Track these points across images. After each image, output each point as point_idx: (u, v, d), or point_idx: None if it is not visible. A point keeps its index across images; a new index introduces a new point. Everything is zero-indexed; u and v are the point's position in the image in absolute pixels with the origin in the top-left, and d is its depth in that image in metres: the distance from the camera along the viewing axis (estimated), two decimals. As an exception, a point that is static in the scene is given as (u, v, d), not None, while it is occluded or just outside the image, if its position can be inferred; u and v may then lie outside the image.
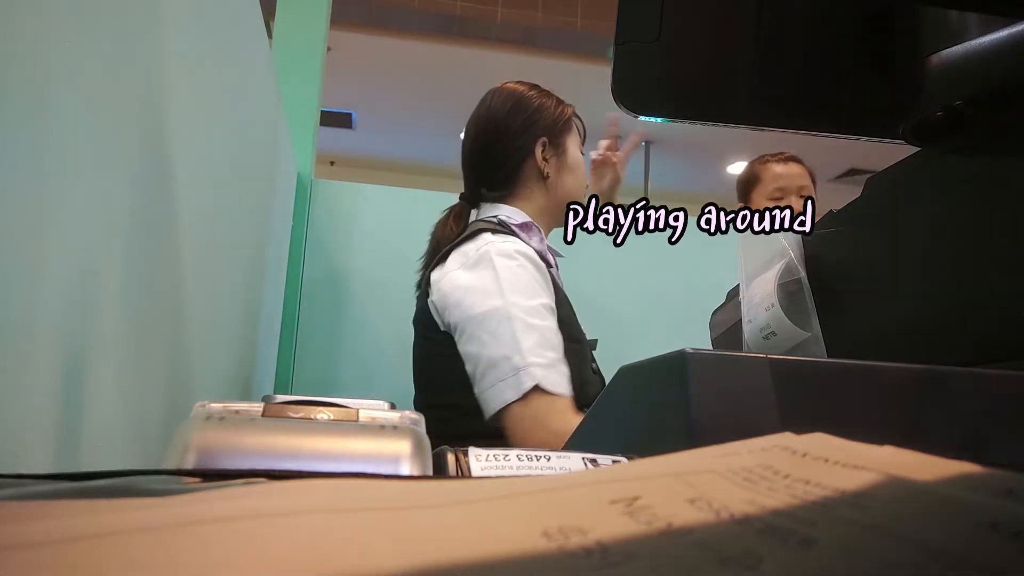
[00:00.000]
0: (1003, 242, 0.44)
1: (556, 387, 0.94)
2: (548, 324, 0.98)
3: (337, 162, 5.30)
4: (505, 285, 0.99)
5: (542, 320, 0.98)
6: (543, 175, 1.17)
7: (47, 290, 0.41)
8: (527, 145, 1.16)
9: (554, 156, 1.18)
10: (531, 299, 0.99)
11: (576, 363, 1.01)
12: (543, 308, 0.99)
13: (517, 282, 1.00)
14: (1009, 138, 0.45)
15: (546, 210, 1.19)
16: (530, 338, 0.95)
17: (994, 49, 0.45)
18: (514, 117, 1.17)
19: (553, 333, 0.98)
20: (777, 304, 0.53)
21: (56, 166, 0.41)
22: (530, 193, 1.18)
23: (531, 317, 0.97)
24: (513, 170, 1.17)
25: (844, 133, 0.54)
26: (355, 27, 3.73)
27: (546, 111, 1.19)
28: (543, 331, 0.97)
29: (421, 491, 0.17)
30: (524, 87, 1.21)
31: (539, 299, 1.00)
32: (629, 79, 0.49)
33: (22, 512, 0.15)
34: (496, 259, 1.02)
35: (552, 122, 1.18)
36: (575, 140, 1.21)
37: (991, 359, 0.42)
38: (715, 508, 0.15)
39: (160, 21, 0.58)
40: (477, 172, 1.21)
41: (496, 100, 1.20)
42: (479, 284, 1.01)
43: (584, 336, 1.11)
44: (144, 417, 0.59)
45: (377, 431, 0.26)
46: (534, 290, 1.01)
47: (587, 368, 1.08)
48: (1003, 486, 0.14)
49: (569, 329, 1.05)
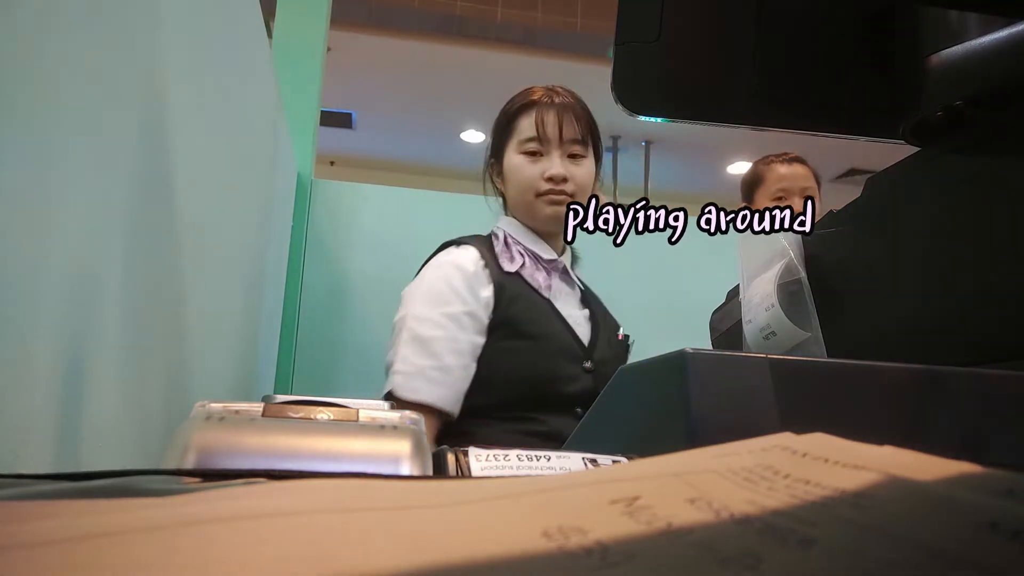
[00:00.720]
0: (1003, 242, 0.44)
1: (410, 394, 1.03)
2: (439, 334, 1.06)
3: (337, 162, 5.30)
4: (416, 295, 1.10)
5: (433, 330, 1.06)
6: (500, 193, 1.23)
7: (47, 290, 0.41)
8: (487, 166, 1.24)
9: (499, 173, 1.22)
10: (434, 309, 1.07)
11: (522, 360, 1.09)
12: (444, 316, 1.07)
13: (429, 292, 1.09)
14: (1009, 138, 0.45)
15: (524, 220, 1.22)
16: (408, 347, 1.05)
17: (994, 49, 0.45)
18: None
19: (445, 342, 1.05)
20: (777, 304, 0.53)
21: (56, 166, 0.41)
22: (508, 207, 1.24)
23: (421, 326, 1.06)
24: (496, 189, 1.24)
25: (844, 133, 0.54)
26: (355, 27, 3.73)
27: (496, 125, 1.22)
28: (428, 341, 1.05)
29: (421, 491, 0.17)
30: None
31: (445, 308, 1.07)
32: (629, 79, 0.49)
33: (22, 512, 0.15)
34: (424, 273, 1.13)
35: (497, 136, 1.21)
36: (514, 143, 1.20)
37: (991, 359, 0.42)
38: (715, 508, 0.15)
39: (160, 21, 0.58)
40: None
41: None
42: (404, 295, 1.12)
43: (545, 333, 1.13)
44: (144, 417, 0.59)
45: (377, 431, 0.26)
46: (444, 299, 1.08)
47: (551, 365, 1.12)
48: (1003, 486, 0.14)
49: (518, 326, 1.10)
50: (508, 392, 1.09)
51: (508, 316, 1.10)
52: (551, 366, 1.11)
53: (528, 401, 1.08)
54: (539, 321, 1.12)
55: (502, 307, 1.10)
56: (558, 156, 1.16)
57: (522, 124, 1.18)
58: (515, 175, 1.19)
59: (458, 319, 1.07)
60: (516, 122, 1.19)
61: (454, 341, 1.06)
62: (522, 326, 1.10)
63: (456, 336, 1.06)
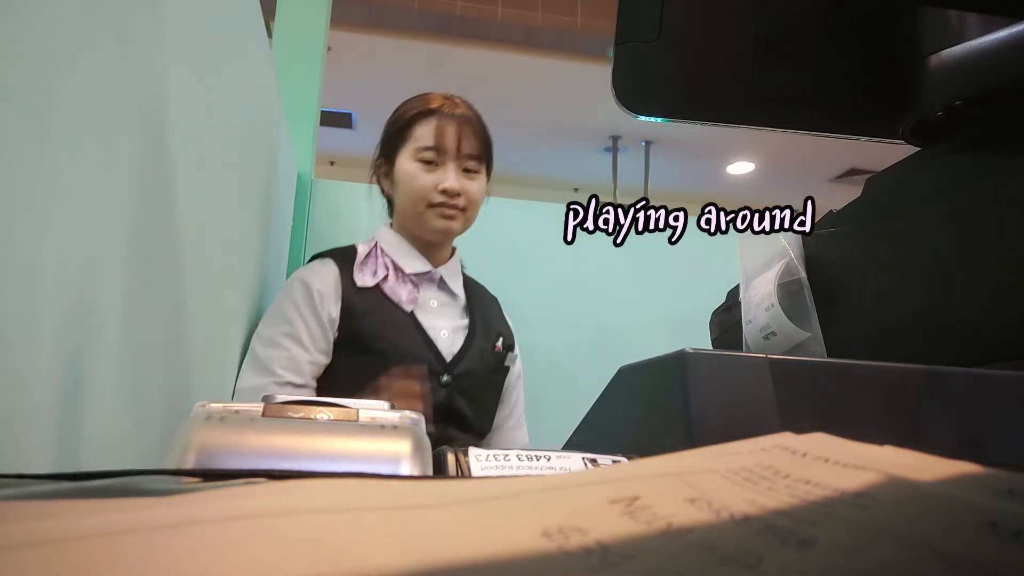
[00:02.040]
0: (1003, 242, 0.44)
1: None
2: (276, 354, 1.07)
3: (337, 162, 5.30)
4: (267, 313, 1.12)
5: (271, 349, 1.08)
6: (385, 195, 1.23)
7: (47, 290, 0.41)
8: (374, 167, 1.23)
9: (387, 176, 1.21)
10: (274, 327, 1.09)
11: (368, 375, 1.08)
12: (282, 335, 1.08)
13: (274, 310, 1.11)
14: (1009, 138, 0.45)
15: (403, 226, 1.21)
16: (249, 367, 1.07)
17: (994, 49, 0.45)
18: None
19: (281, 360, 1.07)
20: (777, 304, 0.53)
21: (56, 166, 0.41)
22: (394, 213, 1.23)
23: (261, 345, 1.08)
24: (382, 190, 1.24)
25: (844, 133, 0.54)
26: (355, 27, 3.73)
27: (386, 130, 1.21)
28: (267, 360, 1.07)
29: (421, 491, 0.17)
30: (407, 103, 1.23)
31: (284, 327, 1.09)
32: (629, 79, 0.49)
33: (22, 512, 0.15)
34: (282, 288, 1.14)
35: (387, 140, 1.20)
36: (408, 149, 1.17)
37: (991, 359, 0.42)
38: (715, 508, 0.15)
39: (160, 21, 0.58)
40: None
41: None
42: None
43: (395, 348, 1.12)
44: (144, 417, 0.59)
45: (377, 431, 0.26)
46: (285, 318, 1.09)
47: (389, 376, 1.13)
48: (1003, 486, 0.14)
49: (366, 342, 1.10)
50: None
51: (355, 332, 1.10)
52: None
53: None
54: (387, 336, 1.11)
55: (350, 324, 1.10)
56: (454, 169, 1.15)
57: (420, 131, 1.16)
58: (409, 182, 1.16)
59: (297, 338, 1.08)
60: (413, 128, 1.16)
61: (293, 360, 1.07)
62: (370, 342, 1.10)
63: (295, 355, 1.07)
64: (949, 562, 0.11)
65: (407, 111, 1.18)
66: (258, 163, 1.10)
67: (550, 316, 1.60)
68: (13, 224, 0.37)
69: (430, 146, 1.15)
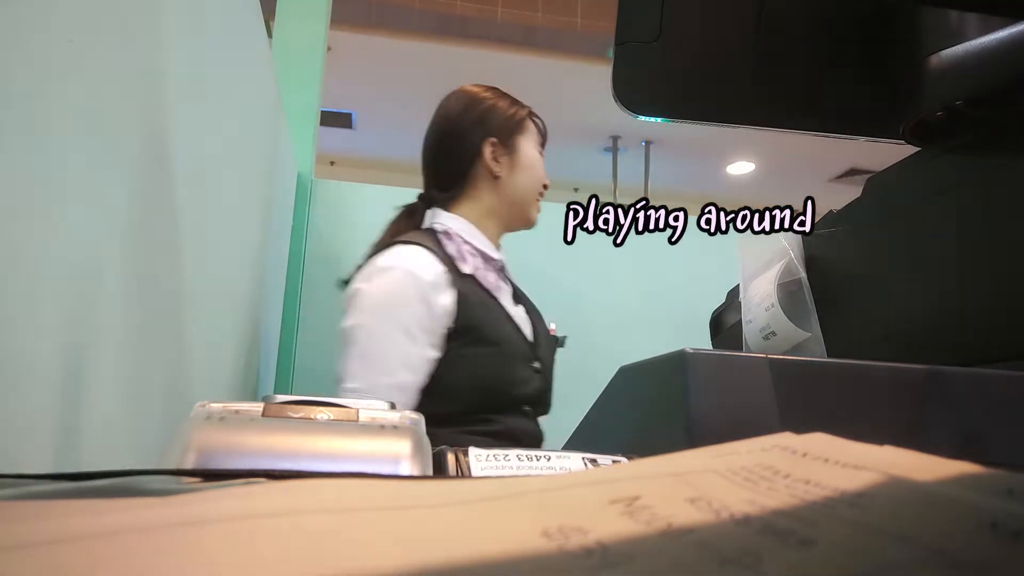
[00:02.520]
0: (1003, 242, 0.44)
1: None
2: (389, 349, 1.03)
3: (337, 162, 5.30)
4: (366, 303, 1.05)
5: (384, 344, 1.03)
6: (493, 174, 1.19)
7: (47, 290, 0.41)
8: (476, 144, 1.18)
9: (505, 156, 1.19)
10: (386, 321, 1.04)
11: (484, 367, 1.07)
12: (394, 329, 1.04)
13: (382, 302, 1.05)
14: (1009, 138, 0.45)
15: (496, 210, 1.20)
16: (358, 363, 1.03)
17: (994, 49, 0.45)
18: (464, 118, 1.20)
19: (394, 356, 1.03)
20: (777, 304, 0.53)
21: (56, 166, 0.41)
22: (478, 193, 1.20)
23: (370, 340, 1.03)
24: (463, 169, 1.20)
25: (844, 133, 0.54)
26: (355, 27, 3.73)
27: (497, 111, 1.20)
28: (379, 356, 1.03)
29: (421, 491, 0.17)
30: (479, 88, 1.23)
31: (398, 321, 1.04)
32: (629, 79, 0.49)
33: (22, 512, 0.15)
34: (374, 276, 1.08)
35: (503, 122, 1.20)
36: (530, 139, 1.22)
37: (991, 359, 0.42)
38: (715, 508, 0.15)
39: (160, 21, 0.58)
40: (429, 172, 1.24)
41: (450, 101, 1.23)
42: (354, 298, 1.08)
43: (504, 337, 1.11)
44: (144, 417, 0.59)
45: (377, 431, 0.26)
46: (397, 312, 1.04)
47: (510, 369, 1.11)
48: (1003, 486, 0.14)
49: (481, 332, 1.08)
50: (467, 399, 1.06)
51: (470, 322, 1.07)
52: (510, 370, 1.09)
53: (484, 406, 1.07)
54: (497, 325, 1.11)
55: (464, 313, 1.07)
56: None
57: (533, 127, 1.22)
58: (534, 167, 1.21)
59: (411, 333, 1.04)
60: (528, 121, 1.22)
61: (406, 356, 1.03)
62: (482, 332, 1.08)
63: (408, 351, 1.04)
64: (949, 562, 0.11)
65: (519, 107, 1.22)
66: (258, 163, 1.10)
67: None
68: (13, 225, 0.37)
69: (542, 142, 1.23)
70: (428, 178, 1.24)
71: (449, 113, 1.21)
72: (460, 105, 1.21)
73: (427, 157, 1.24)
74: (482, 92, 1.22)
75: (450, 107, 1.22)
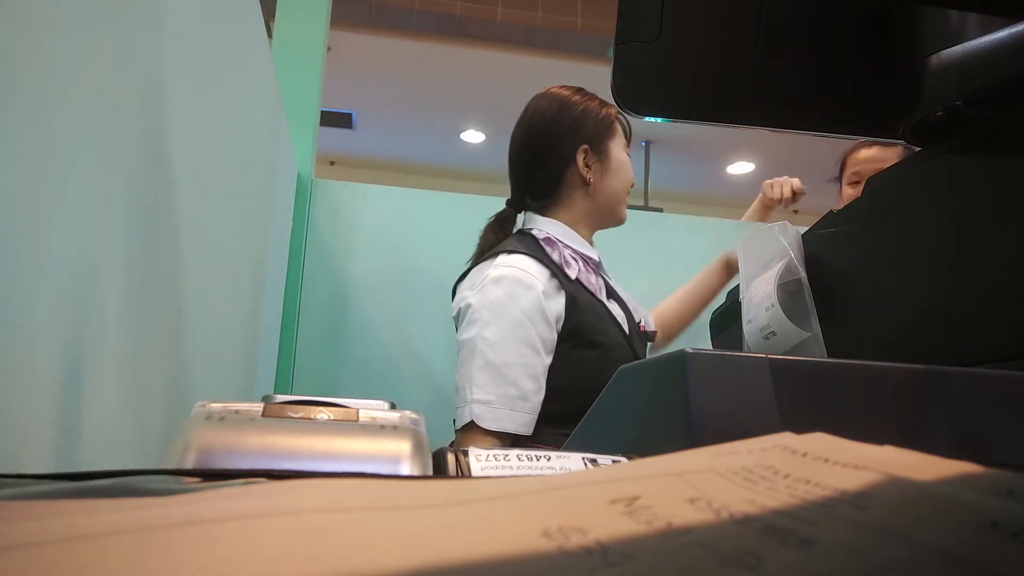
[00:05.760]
0: (1003, 242, 0.44)
1: (494, 424, 1.02)
2: (515, 360, 1.04)
3: (337, 162, 5.30)
4: (485, 315, 1.06)
5: (509, 356, 1.04)
6: (585, 181, 1.19)
7: (47, 290, 0.41)
8: (569, 152, 1.18)
9: (596, 161, 1.19)
10: (507, 332, 1.05)
11: (591, 370, 1.07)
12: (518, 341, 1.04)
13: (500, 314, 1.05)
14: (1009, 138, 0.45)
15: (590, 214, 1.21)
16: (483, 375, 1.03)
17: (994, 49, 0.45)
18: (557, 124, 1.19)
19: (518, 367, 1.04)
20: (777, 304, 0.53)
21: (56, 166, 0.41)
22: (572, 200, 1.20)
23: (493, 352, 1.04)
24: (556, 177, 1.20)
25: (844, 133, 0.54)
26: (355, 27, 3.73)
27: (589, 116, 1.20)
28: (502, 367, 1.03)
29: (421, 491, 0.17)
30: (569, 91, 1.22)
31: (518, 331, 1.05)
32: (629, 79, 0.49)
33: (22, 512, 0.15)
34: (487, 287, 1.08)
35: (595, 127, 1.19)
36: (619, 142, 1.22)
37: (991, 359, 0.42)
38: (715, 508, 0.15)
39: (160, 21, 0.58)
40: (521, 179, 1.23)
41: (540, 106, 1.22)
42: (470, 310, 1.08)
43: (609, 340, 1.12)
44: (144, 417, 0.59)
45: (377, 431, 0.26)
46: (517, 322, 1.05)
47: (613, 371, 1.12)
48: (1003, 486, 0.14)
49: (589, 336, 1.09)
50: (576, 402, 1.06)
51: (577, 326, 1.09)
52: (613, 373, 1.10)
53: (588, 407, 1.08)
54: (603, 329, 1.12)
55: (573, 317, 1.09)
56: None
57: (619, 129, 1.22)
58: (626, 170, 1.22)
59: (532, 343, 1.05)
60: (615, 124, 1.22)
61: (529, 366, 1.05)
62: (590, 335, 1.09)
63: (531, 361, 1.05)
64: (949, 562, 0.11)
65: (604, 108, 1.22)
66: (258, 163, 1.10)
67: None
68: (13, 224, 0.37)
69: (628, 142, 1.24)
70: (520, 186, 1.24)
71: (539, 120, 1.20)
72: (551, 111, 1.20)
73: (519, 165, 1.23)
74: (572, 95, 1.22)
75: (539, 113, 1.21)
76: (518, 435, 1.04)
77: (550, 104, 1.20)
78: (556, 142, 1.18)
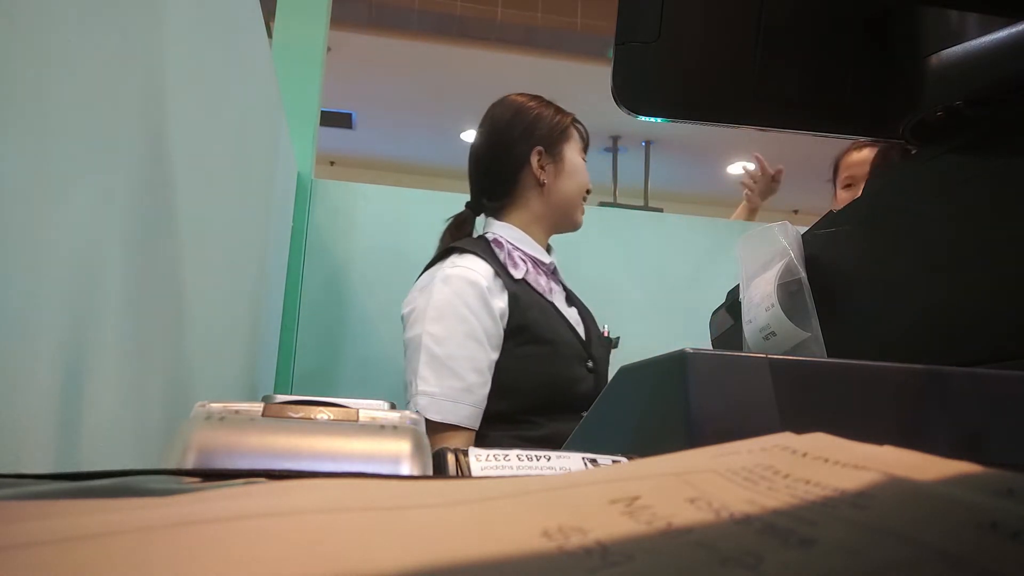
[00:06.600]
0: (1003, 242, 0.44)
1: (438, 416, 1.05)
2: (459, 353, 1.07)
3: (337, 162, 5.30)
4: (430, 313, 1.09)
5: (453, 349, 1.07)
6: (540, 182, 1.23)
7: (47, 290, 0.41)
8: (524, 153, 1.22)
9: (551, 163, 1.23)
10: (451, 327, 1.08)
11: (539, 366, 1.11)
12: (463, 335, 1.08)
13: (444, 310, 1.09)
14: (1009, 138, 0.45)
15: (544, 216, 1.24)
16: (428, 368, 1.06)
17: (994, 49, 0.45)
18: (513, 127, 1.23)
19: (462, 360, 1.06)
20: (777, 304, 0.53)
21: (56, 166, 0.41)
22: (527, 201, 1.24)
23: (439, 346, 1.07)
24: (511, 178, 1.23)
25: (844, 133, 0.54)
26: (355, 27, 3.73)
27: (543, 120, 1.24)
28: (447, 360, 1.06)
29: (421, 491, 0.17)
30: (525, 98, 1.26)
31: (462, 326, 1.08)
32: (629, 79, 0.49)
33: (22, 512, 0.15)
34: (435, 286, 1.12)
35: (549, 130, 1.23)
36: (574, 146, 1.25)
37: (991, 359, 0.42)
38: (715, 508, 0.15)
39: (160, 21, 0.58)
40: (479, 181, 1.28)
41: (497, 112, 1.27)
42: (415, 310, 1.13)
43: (558, 337, 1.15)
44: (144, 417, 0.59)
45: (377, 431, 0.26)
46: (461, 317, 1.08)
47: (564, 368, 1.15)
48: (1003, 486, 0.14)
49: (536, 332, 1.12)
50: (524, 399, 1.11)
51: (522, 323, 1.12)
52: (564, 369, 1.14)
53: (539, 406, 1.10)
54: (551, 326, 1.15)
55: (517, 314, 1.12)
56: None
57: (575, 133, 1.26)
58: (579, 173, 1.24)
59: (476, 336, 1.08)
60: (571, 129, 1.25)
61: (474, 360, 1.08)
62: (536, 331, 1.12)
63: (476, 355, 1.08)
64: (949, 562, 0.11)
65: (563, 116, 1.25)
66: (258, 163, 1.10)
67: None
68: (13, 224, 0.37)
69: (584, 148, 1.27)
70: (477, 187, 1.28)
71: (497, 124, 1.25)
72: (506, 115, 1.25)
73: (477, 167, 1.27)
74: (528, 101, 1.26)
75: (497, 117, 1.26)
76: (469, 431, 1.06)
77: (506, 109, 1.26)
78: (512, 144, 1.22)
